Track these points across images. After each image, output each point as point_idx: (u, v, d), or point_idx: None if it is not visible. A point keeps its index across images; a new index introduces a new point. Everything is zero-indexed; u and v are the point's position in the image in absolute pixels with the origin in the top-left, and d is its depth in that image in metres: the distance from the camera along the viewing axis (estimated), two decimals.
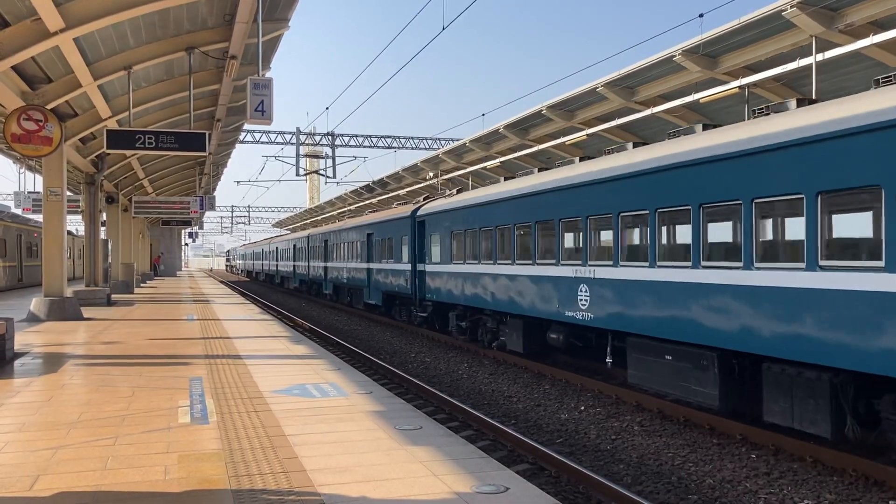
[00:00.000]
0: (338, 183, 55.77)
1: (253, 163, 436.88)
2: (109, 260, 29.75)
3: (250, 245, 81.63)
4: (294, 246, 44.87)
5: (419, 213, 21.55)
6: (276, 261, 53.77)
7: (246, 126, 32.28)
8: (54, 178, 17.95)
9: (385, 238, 24.76)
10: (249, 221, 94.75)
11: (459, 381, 14.29)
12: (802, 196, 8.02)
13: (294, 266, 44.83)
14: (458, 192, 20.96)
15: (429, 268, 20.41)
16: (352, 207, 54.38)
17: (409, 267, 22.03)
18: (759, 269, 8.62)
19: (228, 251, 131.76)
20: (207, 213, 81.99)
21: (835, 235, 7.93)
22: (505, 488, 5.12)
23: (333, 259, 33.57)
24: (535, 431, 10.31)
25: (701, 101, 17.53)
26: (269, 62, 16.75)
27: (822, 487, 7.65)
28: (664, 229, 10.47)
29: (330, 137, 41.51)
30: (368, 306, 28.47)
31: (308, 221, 74.56)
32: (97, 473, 5.49)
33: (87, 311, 20.03)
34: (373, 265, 26.47)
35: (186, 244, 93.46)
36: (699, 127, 10.78)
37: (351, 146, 43.75)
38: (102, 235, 27.58)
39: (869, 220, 7.48)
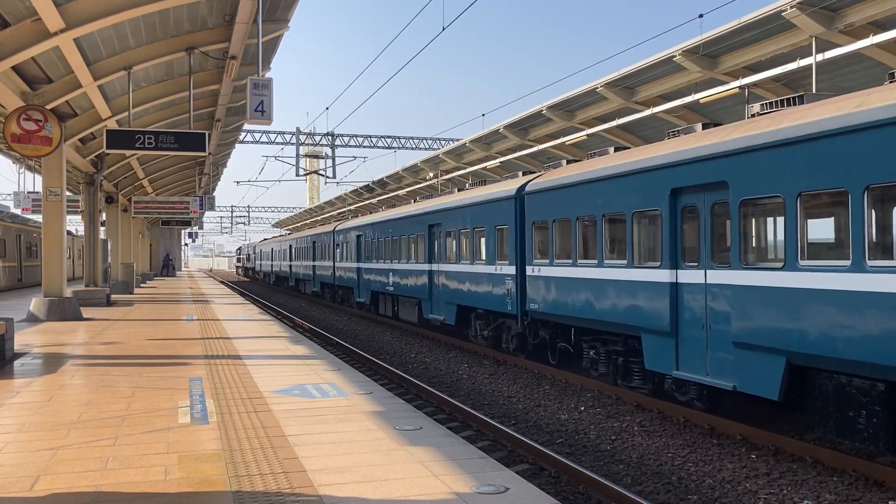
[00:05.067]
0: (337, 183, 55.54)
1: (253, 163, 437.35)
2: (109, 260, 29.75)
3: (285, 238, 52.92)
4: (433, 228, 20.38)
5: None
6: (357, 260, 28.50)
7: (246, 126, 32.34)
8: (54, 178, 17.95)
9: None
10: (249, 221, 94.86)
11: (459, 382, 14.29)
12: None
13: (431, 274, 20.37)
14: None
15: None
16: (352, 207, 54.38)
17: None
18: None
19: (239, 248, 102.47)
20: (207, 213, 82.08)
21: None
22: (505, 488, 5.12)
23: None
24: (535, 432, 10.31)
25: (701, 101, 17.54)
26: (269, 62, 16.76)
27: (822, 487, 7.65)
28: None
29: (330, 137, 41.55)
30: None
31: (308, 221, 74.54)
32: (97, 474, 5.49)
33: (86, 312, 20.03)
34: None
35: (186, 244, 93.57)
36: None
37: (351, 146, 43.81)
38: (102, 235, 27.59)
39: None
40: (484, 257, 16.68)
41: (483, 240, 16.82)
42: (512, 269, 15.26)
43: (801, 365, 8.31)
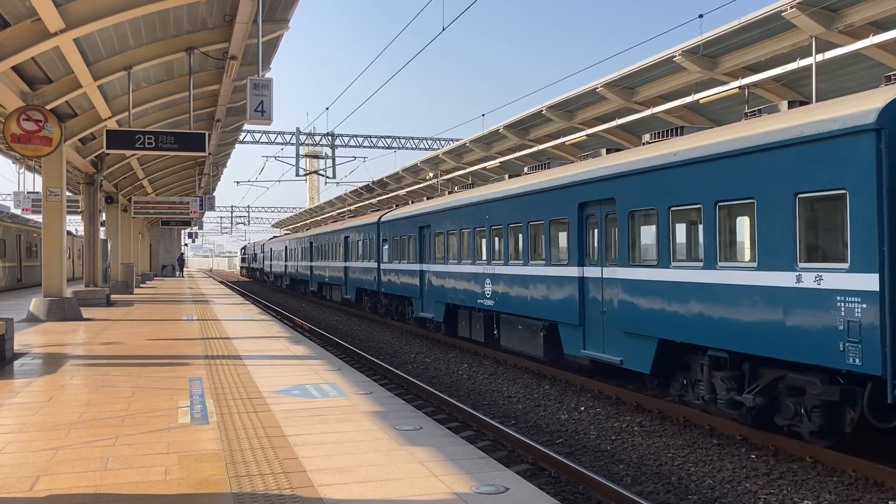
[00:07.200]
0: (337, 183, 55.55)
1: (253, 163, 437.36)
2: (109, 260, 29.74)
3: (303, 234, 43.24)
4: (589, 209, 12.41)
5: None
6: (419, 260, 21.04)
7: (246, 126, 32.37)
8: (54, 179, 17.95)
9: None
10: (249, 221, 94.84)
11: (459, 382, 14.29)
12: None
13: (585, 283, 12.54)
14: None
15: None
16: (352, 207, 54.39)
17: None
18: None
19: (244, 247, 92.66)
20: (207, 214, 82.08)
21: None
22: (505, 488, 5.12)
23: None
24: (535, 432, 10.31)
25: (701, 101, 17.56)
26: (269, 62, 16.78)
27: (822, 487, 7.65)
28: None
29: (330, 137, 41.55)
30: None
31: (308, 221, 74.47)
32: (97, 474, 5.49)
33: (86, 312, 20.03)
34: None
35: (186, 244, 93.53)
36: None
37: (351, 146, 43.84)
38: (102, 236, 27.59)
39: None
40: (748, 257, 9.22)
41: (744, 225, 9.37)
42: (867, 280, 7.38)
43: None
